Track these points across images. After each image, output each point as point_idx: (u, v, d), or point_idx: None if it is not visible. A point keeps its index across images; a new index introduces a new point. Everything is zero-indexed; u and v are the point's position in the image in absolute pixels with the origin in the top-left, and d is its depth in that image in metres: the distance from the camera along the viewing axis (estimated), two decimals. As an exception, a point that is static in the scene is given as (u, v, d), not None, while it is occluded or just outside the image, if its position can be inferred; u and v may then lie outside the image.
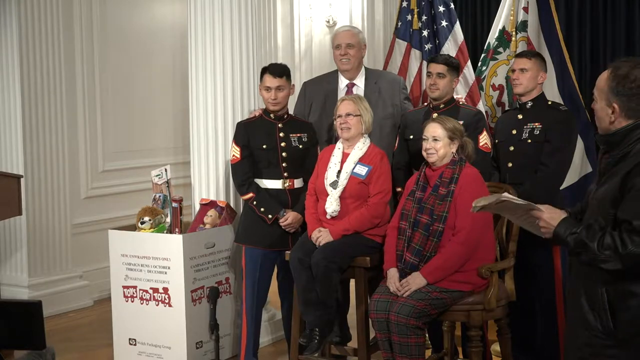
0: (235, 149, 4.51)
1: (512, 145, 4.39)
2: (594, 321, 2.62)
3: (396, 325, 3.72)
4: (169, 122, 7.02)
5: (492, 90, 5.39)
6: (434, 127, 3.99)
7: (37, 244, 5.91)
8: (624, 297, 2.57)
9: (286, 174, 4.49)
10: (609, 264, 2.53)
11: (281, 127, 4.51)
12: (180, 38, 6.55)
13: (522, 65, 4.41)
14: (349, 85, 4.72)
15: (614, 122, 2.65)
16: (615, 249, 2.51)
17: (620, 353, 2.60)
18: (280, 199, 4.49)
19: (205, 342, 4.66)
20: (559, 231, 2.64)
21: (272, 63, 4.67)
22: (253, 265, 4.51)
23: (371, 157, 4.22)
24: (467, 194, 3.83)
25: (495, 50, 5.41)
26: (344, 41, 4.67)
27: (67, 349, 5.20)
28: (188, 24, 4.97)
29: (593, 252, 2.54)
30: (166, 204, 4.75)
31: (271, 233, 4.47)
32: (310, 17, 7.25)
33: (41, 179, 5.90)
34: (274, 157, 4.47)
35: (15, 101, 5.79)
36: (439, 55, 4.73)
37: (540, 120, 4.34)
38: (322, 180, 4.24)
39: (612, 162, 2.66)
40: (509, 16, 5.34)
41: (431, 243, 3.84)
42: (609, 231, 2.55)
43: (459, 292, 3.84)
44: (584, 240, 2.57)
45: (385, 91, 4.69)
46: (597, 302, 2.61)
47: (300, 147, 4.51)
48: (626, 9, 6.15)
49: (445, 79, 4.48)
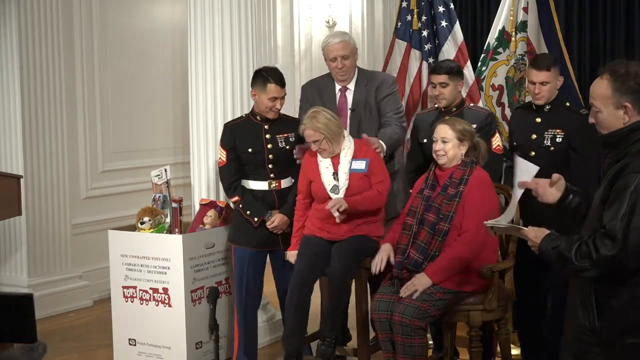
0: (221, 152, 4.51)
1: (532, 151, 4.33)
2: (583, 318, 2.65)
3: (400, 325, 3.72)
4: (169, 122, 7.02)
5: (492, 91, 5.39)
6: (444, 128, 3.99)
7: (37, 244, 5.91)
8: (609, 297, 2.59)
9: (273, 175, 4.47)
10: (587, 272, 2.57)
11: (267, 129, 4.46)
12: (180, 38, 6.55)
13: (543, 79, 4.31)
14: (342, 89, 4.71)
15: (630, 121, 2.64)
16: (590, 256, 2.53)
17: (605, 352, 2.62)
18: (267, 200, 4.47)
19: (205, 342, 4.66)
20: (542, 246, 2.70)
21: (268, 70, 4.47)
22: (241, 265, 4.50)
23: (363, 150, 4.22)
24: (475, 195, 3.85)
25: (495, 51, 5.41)
26: (339, 54, 4.58)
27: (67, 349, 5.21)
28: (188, 24, 4.97)
29: (572, 263, 2.58)
30: (166, 204, 4.75)
31: (260, 233, 4.45)
32: (310, 17, 7.25)
33: (41, 179, 5.90)
34: (260, 159, 4.44)
35: (15, 101, 5.79)
36: (439, 65, 4.62)
37: (561, 127, 4.28)
38: (320, 186, 4.21)
39: (612, 163, 2.67)
40: (508, 16, 5.34)
41: (436, 242, 3.85)
42: (584, 240, 2.57)
43: (461, 293, 3.85)
44: (563, 252, 2.61)
45: (372, 93, 4.65)
46: (586, 300, 2.64)
47: (287, 147, 4.48)
48: (626, 9, 6.15)
49: (449, 86, 4.48)
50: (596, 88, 2.70)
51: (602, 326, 2.59)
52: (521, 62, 5.35)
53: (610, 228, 2.51)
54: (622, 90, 2.62)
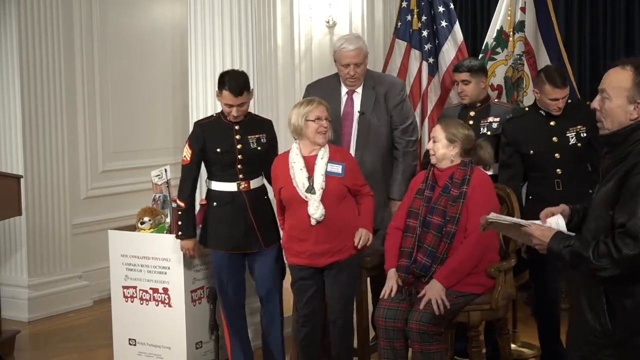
0: (187, 150, 4.36)
1: (556, 153, 4.33)
2: (593, 320, 2.62)
3: (418, 333, 3.69)
4: (169, 122, 7.03)
5: (491, 91, 5.40)
6: (436, 128, 4.03)
7: (37, 244, 5.91)
8: (622, 297, 2.57)
9: (242, 176, 4.33)
10: (607, 272, 2.52)
11: (238, 129, 4.33)
12: (180, 38, 6.56)
13: (565, 94, 4.32)
14: (349, 92, 4.68)
15: (637, 119, 2.62)
16: (611, 255, 2.50)
17: (617, 353, 2.59)
18: (237, 201, 4.33)
19: (205, 342, 4.66)
20: (552, 246, 2.64)
21: (231, 74, 4.30)
22: (219, 269, 4.39)
23: (338, 156, 4.10)
24: (478, 195, 3.86)
25: (493, 51, 5.42)
26: (354, 61, 4.52)
27: (67, 349, 5.21)
28: (188, 24, 4.96)
29: (589, 262, 2.53)
30: (166, 204, 4.75)
31: (231, 235, 4.34)
32: (310, 17, 7.24)
33: (41, 179, 5.90)
34: (228, 159, 4.31)
35: (15, 101, 5.80)
36: (461, 63, 4.78)
37: (581, 122, 4.29)
38: (293, 189, 4.01)
39: (614, 163, 2.65)
40: (506, 16, 5.35)
41: (444, 245, 3.84)
42: (602, 239, 2.54)
43: (472, 295, 3.86)
44: (579, 251, 2.56)
45: (381, 97, 4.62)
46: (596, 302, 2.61)
47: (258, 148, 4.35)
48: (626, 9, 6.15)
49: (471, 84, 4.66)
50: (615, 77, 2.66)
51: (615, 327, 2.56)
52: (519, 62, 5.36)
53: (630, 227, 2.47)
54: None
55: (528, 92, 5.32)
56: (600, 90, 2.69)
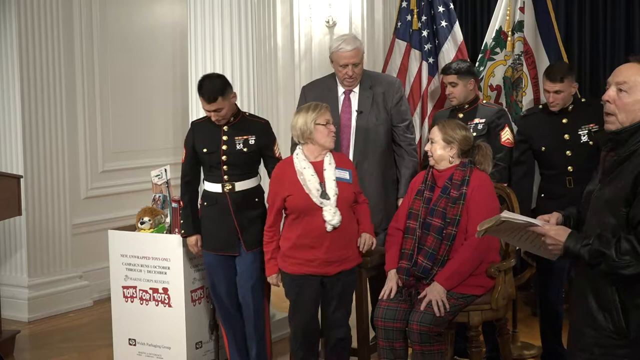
0: (183, 150, 4.45)
1: (568, 150, 4.35)
2: (604, 321, 2.58)
3: (419, 334, 3.70)
4: (169, 122, 7.03)
5: (490, 91, 5.40)
6: (434, 130, 4.03)
7: (37, 244, 5.92)
8: (635, 296, 2.54)
9: (227, 177, 4.29)
10: (630, 269, 2.49)
11: (226, 130, 4.31)
12: (180, 38, 6.56)
13: (557, 88, 4.34)
14: (346, 92, 4.68)
15: None
16: (635, 252, 2.47)
17: (633, 353, 2.56)
18: (221, 203, 4.31)
19: (205, 342, 4.66)
20: (569, 245, 2.58)
21: (206, 81, 4.24)
22: (209, 270, 4.40)
23: (342, 161, 4.10)
24: (478, 196, 3.86)
25: (492, 51, 5.42)
26: (351, 61, 4.54)
27: (67, 349, 5.22)
28: (188, 24, 4.97)
29: (612, 260, 2.49)
30: (166, 204, 4.75)
31: (218, 237, 4.33)
32: (310, 17, 7.24)
33: (41, 179, 5.90)
34: (214, 160, 4.30)
35: (15, 101, 5.80)
36: (449, 65, 4.79)
37: (593, 121, 4.30)
38: (306, 196, 3.91)
39: (618, 161, 2.63)
40: (505, 16, 5.34)
41: (445, 247, 3.84)
42: (623, 236, 2.51)
43: (473, 296, 3.86)
44: (600, 249, 2.52)
45: (379, 96, 4.63)
46: (608, 302, 2.57)
47: (245, 150, 4.28)
48: (626, 9, 6.14)
49: (458, 86, 4.68)
50: (636, 71, 2.63)
51: (630, 326, 2.54)
52: (518, 62, 5.36)
53: None
54: None
55: (527, 92, 5.32)
56: (616, 83, 2.64)
